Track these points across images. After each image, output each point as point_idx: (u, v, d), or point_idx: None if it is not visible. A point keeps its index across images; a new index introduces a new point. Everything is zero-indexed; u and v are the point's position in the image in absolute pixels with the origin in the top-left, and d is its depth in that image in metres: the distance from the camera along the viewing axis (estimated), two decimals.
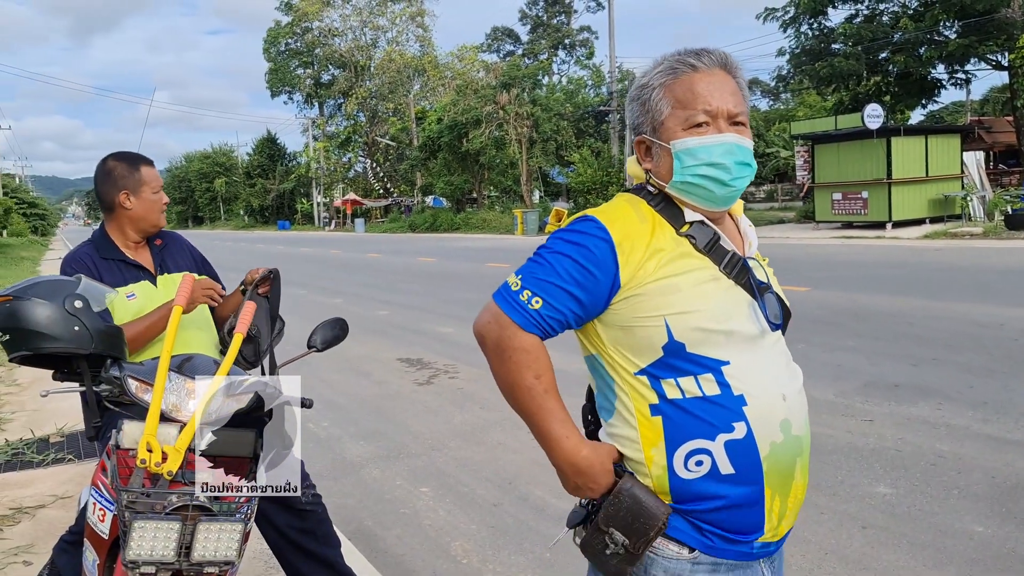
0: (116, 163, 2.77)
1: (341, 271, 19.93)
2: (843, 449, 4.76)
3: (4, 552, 3.74)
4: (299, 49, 66.34)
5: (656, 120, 1.53)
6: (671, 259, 1.47)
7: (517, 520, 4.03)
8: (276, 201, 74.47)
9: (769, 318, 1.49)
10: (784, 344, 1.58)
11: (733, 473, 1.43)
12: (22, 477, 4.86)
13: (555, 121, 38.15)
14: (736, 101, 1.51)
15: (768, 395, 1.46)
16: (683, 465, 1.44)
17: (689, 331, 1.43)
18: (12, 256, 31.21)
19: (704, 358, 1.44)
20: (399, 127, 56.24)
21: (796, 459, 1.49)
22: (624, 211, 1.53)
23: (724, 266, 1.51)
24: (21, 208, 58.89)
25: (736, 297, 1.49)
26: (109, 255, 2.77)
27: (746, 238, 1.61)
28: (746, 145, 1.52)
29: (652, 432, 1.46)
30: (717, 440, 1.42)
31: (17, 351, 2.11)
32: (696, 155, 1.49)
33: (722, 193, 1.51)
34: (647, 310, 1.45)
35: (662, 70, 1.53)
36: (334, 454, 5.25)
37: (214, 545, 1.91)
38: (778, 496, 1.47)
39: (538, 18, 65.37)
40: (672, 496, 1.45)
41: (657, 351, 1.45)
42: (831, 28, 28.51)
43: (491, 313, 1.52)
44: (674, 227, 1.52)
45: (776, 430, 1.45)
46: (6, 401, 6.89)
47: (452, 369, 7.63)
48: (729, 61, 1.54)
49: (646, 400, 1.47)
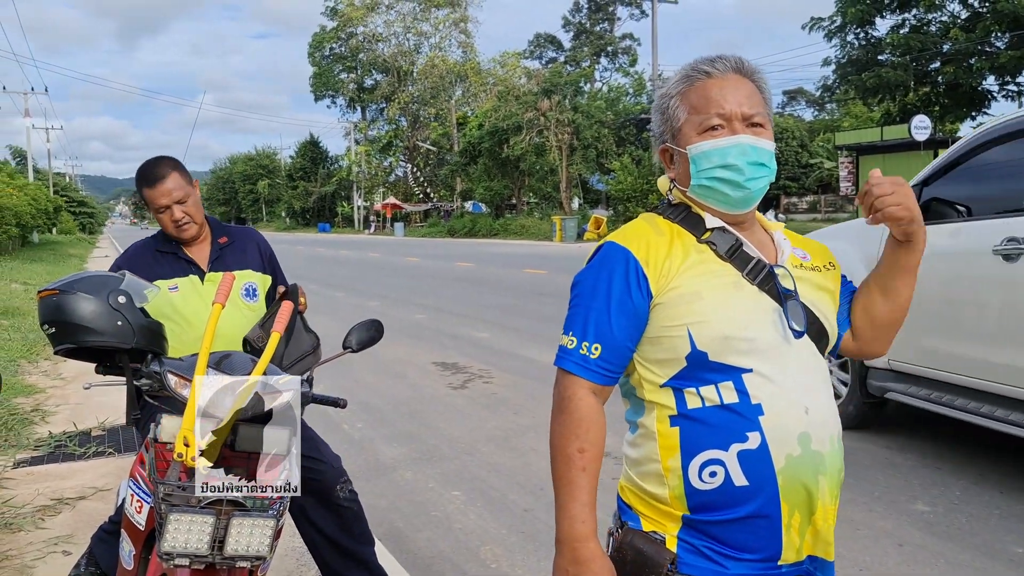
0: (137, 178, 2.81)
1: (380, 274, 20.10)
2: (880, 464, 4.68)
3: (45, 541, 3.83)
4: (343, 54, 67.15)
5: (674, 127, 1.56)
6: (691, 266, 1.47)
7: (548, 527, 4.02)
8: (317, 203, 75.37)
9: (793, 325, 1.47)
10: (817, 357, 1.53)
11: (747, 485, 1.41)
12: (64, 469, 4.96)
13: (596, 128, 38.11)
14: (752, 103, 1.51)
15: (788, 406, 1.43)
16: (698, 476, 1.43)
17: (711, 339, 1.42)
18: (61, 253, 31.98)
19: (726, 366, 1.43)
20: (440, 132, 56.60)
21: (818, 476, 1.44)
22: (640, 228, 1.55)
23: (747, 272, 1.49)
24: (71, 207, 60.26)
25: (760, 304, 1.47)
26: (166, 248, 2.86)
27: (780, 248, 1.59)
28: (761, 146, 1.51)
29: (670, 442, 1.45)
30: (730, 450, 1.41)
31: (62, 344, 2.16)
32: (710, 157, 1.50)
33: (737, 195, 1.51)
34: (670, 319, 1.45)
35: (678, 79, 1.57)
36: (367, 455, 5.29)
37: (247, 540, 1.94)
38: (798, 512, 1.43)
39: (581, 25, 65.35)
40: (689, 507, 1.44)
41: (681, 361, 1.45)
42: (878, 38, 28.12)
43: (556, 379, 1.52)
44: (695, 235, 1.53)
45: (793, 443, 1.42)
46: (51, 394, 7.05)
47: (487, 374, 7.65)
48: (744, 65, 1.55)
49: (667, 411, 1.47)
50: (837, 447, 1.49)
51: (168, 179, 2.74)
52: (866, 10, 27.15)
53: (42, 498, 4.40)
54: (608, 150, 38.37)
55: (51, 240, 42.58)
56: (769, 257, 1.55)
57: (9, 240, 26.90)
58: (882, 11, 27.71)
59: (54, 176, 69.22)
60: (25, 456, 5.19)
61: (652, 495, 1.48)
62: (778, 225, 1.65)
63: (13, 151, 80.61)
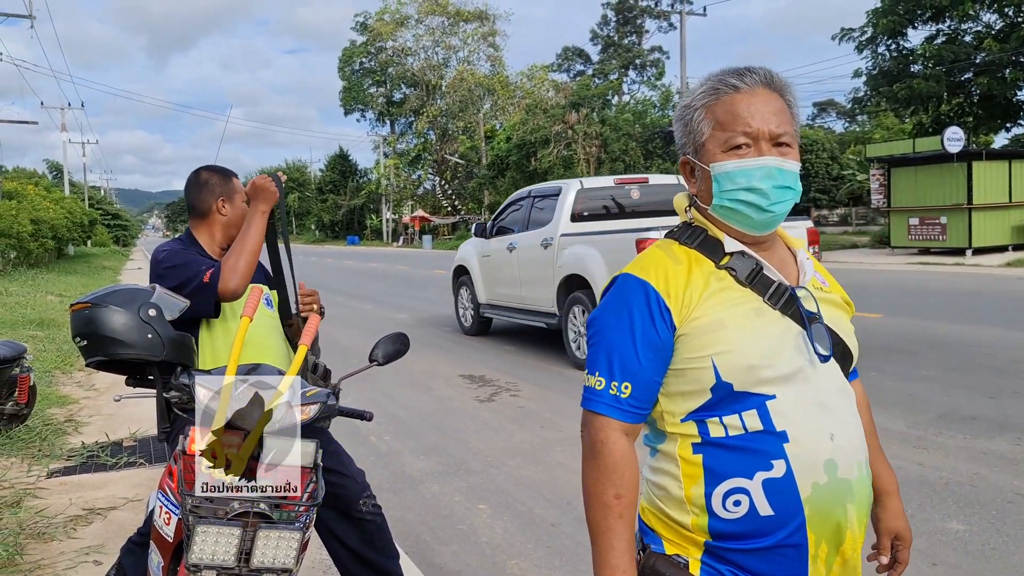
0: (211, 174, 2.91)
1: (408, 286, 20.17)
2: (914, 482, 4.60)
3: (76, 551, 3.87)
4: (373, 68, 67.81)
5: (697, 141, 1.50)
6: (712, 295, 1.43)
7: (574, 541, 4.00)
8: (346, 216, 75.95)
9: (818, 349, 1.43)
10: (843, 380, 1.50)
11: (772, 515, 1.37)
12: (96, 479, 5.02)
13: (624, 141, 38.04)
14: (780, 121, 1.45)
15: (813, 432, 1.39)
16: (721, 505, 1.39)
17: (736, 369, 1.39)
18: (95, 265, 32.49)
19: (750, 394, 1.39)
20: (468, 145, 56.86)
21: (847, 504, 1.40)
22: (656, 257, 1.50)
23: (769, 297, 1.45)
24: (105, 220, 61.30)
25: (783, 328, 1.43)
26: (199, 252, 2.88)
27: (802, 269, 1.55)
28: (788, 168, 1.45)
29: (693, 470, 1.42)
30: (755, 479, 1.37)
31: (94, 356, 2.19)
32: (734, 179, 1.45)
33: (760, 218, 1.46)
34: (694, 350, 1.41)
35: (704, 91, 1.50)
36: (394, 468, 5.30)
37: (273, 552, 1.95)
38: (825, 543, 1.39)
39: (609, 38, 65.42)
40: (712, 535, 1.41)
41: (705, 392, 1.41)
42: (910, 49, 27.83)
43: (585, 423, 1.48)
44: (713, 261, 1.48)
45: (820, 470, 1.38)
46: (84, 405, 7.15)
47: (513, 387, 7.64)
48: (774, 79, 1.48)
49: (690, 439, 1.43)
50: (865, 473, 1.46)
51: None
52: (898, 21, 26.89)
53: (74, 508, 4.45)
54: (636, 163, 38.28)
55: (86, 253, 43.30)
56: (791, 277, 1.51)
57: (46, 252, 27.41)
58: (914, 22, 27.43)
59: (89, 190, 70.42)
60: (59, 466, 5.26)
61: (675, 520, 1.45)
62: (800, 242, 1.61)
63: (50, 165, 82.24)
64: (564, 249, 8.85)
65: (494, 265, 10.49)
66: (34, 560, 3.76)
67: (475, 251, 11.05)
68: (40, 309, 13.76)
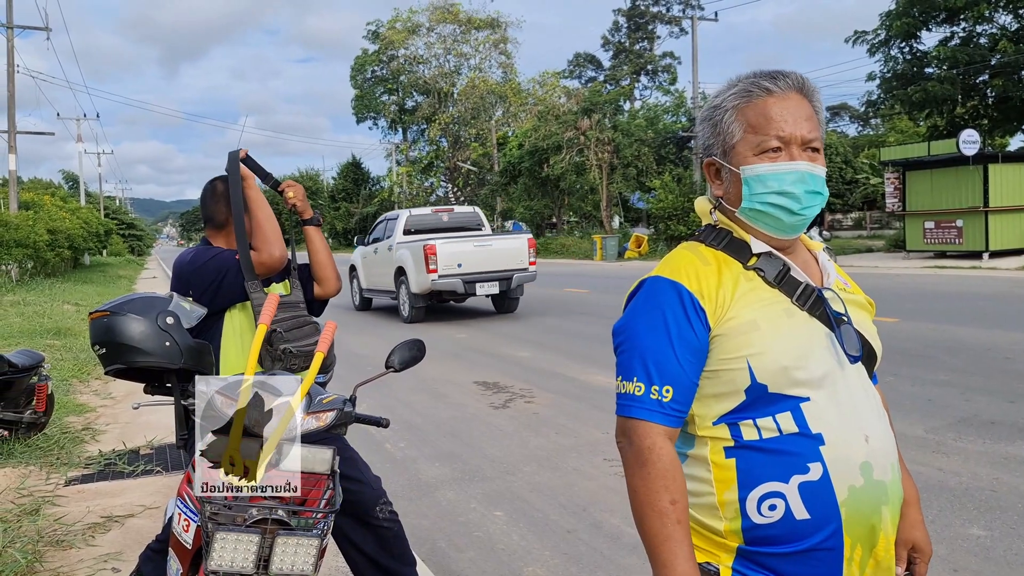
0: (226, 185, 2.91)
1: None
2: (934, 488, 4.55)
3: (95, 559, 3.89)
4: (385, 76, 68.02)
5: (727, 143, 1.49)
6: (743, 295, 1.42)
7: (591, 548, 3.98)
8: (359, 224, 76.13)
9: (847, 350, 1.42)
10: (868, 383, 1.48)
11: (809, 518, 1.35)
12: (113, 487, 5.05)
13: (636, 147, 38.00)
14: (811, 126, 1.45)
15: (848, 434, 1.38)
16: (756, 509, 1.37)
17: (771, 371, 1.37)
18: (111, 275, 32.72)
19: (785, 396, 1.38)
20: (480, 152, 56.95)
21: (881, 507, 1.39)
22: (685, 258, 1.48)
23: (797, 298, 1.44)
24: (120, 229, 61.74)
25: (812, 330, 1.43)
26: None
27: (825, 270, 1.55)
28: (818, 173, 1.45)
29: (726, 475, 1.40)
30: (791, 482, 1.36)
31: (112, 364, 2.21)
32: (766, 183, 1.44)
33: (790, 221, 1.46)
34: (729, 351, 1.40)
35: (736, 92, 1.48)
36: (409, 475, 5.30)
37: (291, 559, 1.95)
38: (859, 546, 1.38)
39: (620, 44, 65.43)
40: (746, 540, 1.39)
41: (740, 395, 1.40)
42: (924, 51, 27.68)
43: (626, 431, 1.42)
44: (741, 262, 1.47)
45: (856, 473, 1.37)
46: (101, 413, 7.19)
47: (528, 393, 7.63)
48: (806, 84, 1.48)
49: (721, 443, 1.42)
50: (897, 475, 1.45)
51: None
52: (912, 23, 26.75)
53: (92, 515, 4.48)
54: (648, 168, 38.23)
55: (102, 262, 43.62)
56: (814, 279, 1.51)
57: (62, 262, 27.62)
58: (928, 24, 27.28)
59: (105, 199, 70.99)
60: (76, 474, 5.29)
61: (706, 526, 1.43)
62: (819, 245, 1.61)
63: (66, 175, 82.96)
64: (397, 251, 14.13)
65: (369, 263, 15.82)
66: (53, 568, 3.78)
67: (359, 254, 16.46)
68: (57, 318, 13.86)
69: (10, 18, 26.99)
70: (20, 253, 21.77)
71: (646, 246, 32.92)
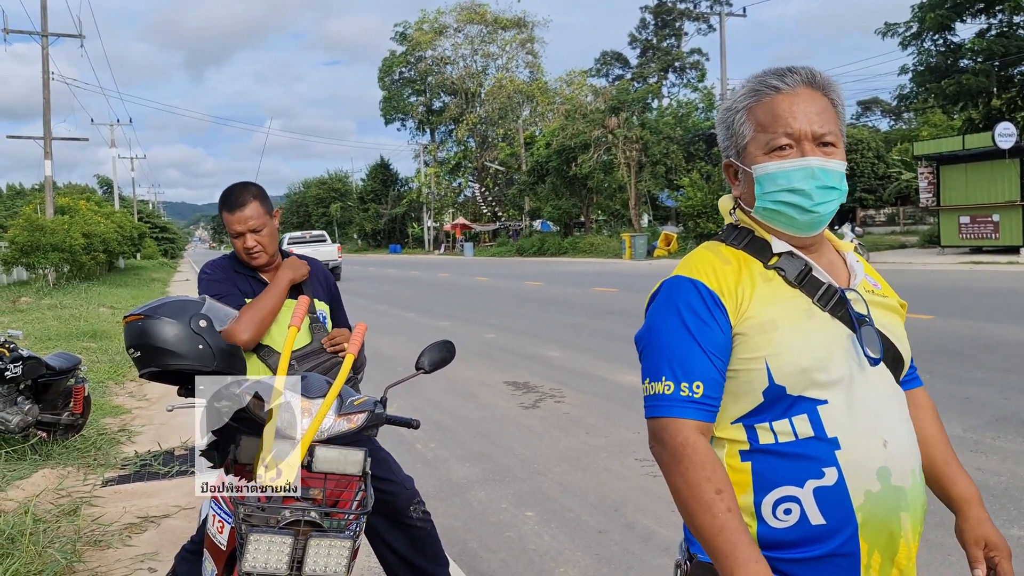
0: (220, 200, 2.88)
1: (450, 294, 20.26)
2: None
3: (132, 559, 3.95)
4: (412, 77, 68.39)
5: (740, 144, 1.48)
6: (763, 294, 1.40)
7: (623, 548, 3.96)
8: (388, 225, 76.63)
9: (867, 352, 1.39)
10: (894, 385, 1.45)
11: (824, 524, 1.33)
12: (149, 488, 5.12)
13: (664, 144, 37.82)
14: (823, 120, 1.42)
15: (865, 439, 1.35)
16: (771, 513, 1.36)
17: (790, 373, 1.35)
18: (144, 278, 33.20)
19: (802, 398, 1.36)
20: (508, 152, 57.03)
21: (900, 513, 1.36)
22: (705, 258, 1.47)
23: (818, 298, 1.42)
24: (153, 233, 62.63)
25: (833, 332, 1.40)
26: (242, 270, 2.89)
27: (852, 272, 1.52)
28: (831, 167, 1.42)
29: (741, 478, 1.38)
30: (806, 487, 1.34)
31: (147, 367, 2.23)
32: (775, 180, 1.43)
33: (804, 219, 1.43)
34: (748, 351, 1.38)
35: (745, 93, 1.48)
36: (440, 475, 5.31)
37: (324, 560, 1.96)
38: (877, 552, 1.35)
39: (648, 42, 65.13)
40: (761, 545, 1.36)
41: (757, 396, 1.38)
42: (957, 44, 27.23)
43: (657, 433, 1.39)
44: (761, 261, 1.45)
45: (872, 478, 1.34)
46: (136, 415, 7.29)
47: (558, 393, 7.62)
48: (817, 78, 1.45)
49: (737, 445, 1.40)
50: (919, 480, 1.42)
51: (248, 207, 2.78)
52: (945, 15, 26.34)
53: (129, 516, 4.54)
54: (677, 166, 38.02)
55: (136, 265, 44.28)
56: (840, 279, 1.48)
57: (97, 266, 28.07)
58: (962, 15, 26.83)
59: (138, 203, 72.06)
60: (113, 475, 5.37)
61: None
62: (848, 245, 1.58)
63: (100, 180, 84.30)
64: None
65: None
66: (92, 567, 3.84)
67: None
68: (93, 321, 14.08)
69: (44, 26, 27.48)
70: (56, 257, 22.16)
71: (675, 244, 32.74)
